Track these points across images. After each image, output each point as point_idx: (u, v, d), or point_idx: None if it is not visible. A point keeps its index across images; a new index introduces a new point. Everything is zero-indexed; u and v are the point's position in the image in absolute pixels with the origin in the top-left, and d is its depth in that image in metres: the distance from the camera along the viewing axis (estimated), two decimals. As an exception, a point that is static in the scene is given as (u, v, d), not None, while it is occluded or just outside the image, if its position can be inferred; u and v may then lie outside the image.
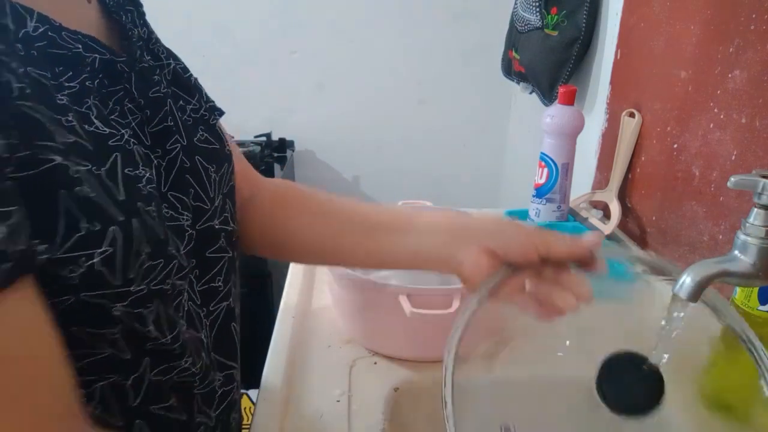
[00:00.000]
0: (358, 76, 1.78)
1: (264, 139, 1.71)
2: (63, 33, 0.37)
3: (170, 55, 0.49)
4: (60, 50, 0.36)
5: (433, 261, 0.51)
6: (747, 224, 0.51)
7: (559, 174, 0.92)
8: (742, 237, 0.51)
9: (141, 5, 0.48)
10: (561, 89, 0.92)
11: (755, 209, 0.51)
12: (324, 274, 0.81)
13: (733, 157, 0.67)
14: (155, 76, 0.45)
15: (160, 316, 0.39)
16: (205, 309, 0.46)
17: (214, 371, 0.47)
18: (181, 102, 0.47)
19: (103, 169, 0.35)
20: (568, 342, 0.69)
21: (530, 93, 1.29)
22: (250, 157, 1.58)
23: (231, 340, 0.50)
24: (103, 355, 0.36)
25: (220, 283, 0.48)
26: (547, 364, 0.66)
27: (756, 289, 0.53)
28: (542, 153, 0.93)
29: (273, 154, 1.68)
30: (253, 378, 0.64)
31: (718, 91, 0.69)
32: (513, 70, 1.33)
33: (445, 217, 0.53)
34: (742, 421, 0.57)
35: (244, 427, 0.61)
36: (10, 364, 0.29)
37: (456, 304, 0.60)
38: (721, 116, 0.69)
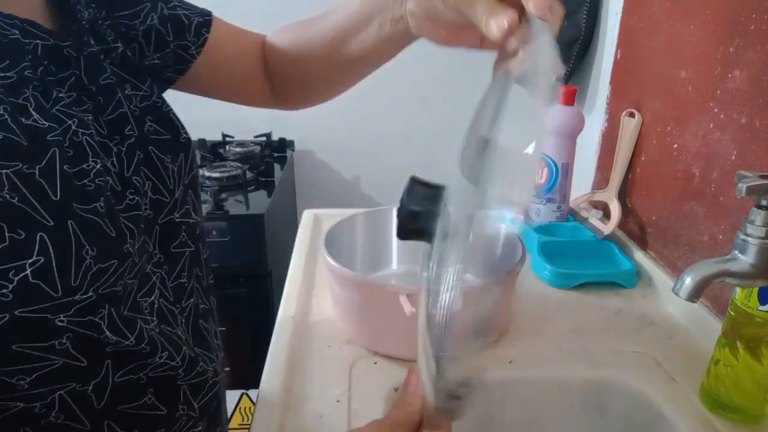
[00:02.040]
0: (357, 76, 1.77)
1: (264, 139, 1.71)
2: (5, 20, 0.34)
3: (120, 36, 0.46)
4: None
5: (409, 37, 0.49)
6: (747, 224, 0.51)
7: (559, 174, 0.92)
8: (742, 237, 0.51)
9: None
10: (561, 89, 0.92)
11: (755, 209, 0.51)
12: (324, 274, 0.81)
13: (733, 157, 0.67)
14: (103, 63, 0.42)
15: (115, 319, 0.36)
16: (178, 306, 0.45)
17: (203, 362, 0.45)
18: (128, 88, 0.44)
19: (37, 167, 0.32)
20: (567, 342, 0.70)
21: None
22: (250, 157, 1.58)
23: (204, 338, 0.48)
24: (55, 366, 0.33)
25: (185, 279, 0.46)
26: (547, 362, 0.66)
27: (756, 289, 0.53)
28: (542, 153, 0.93)
29: (273, 154, 1.68)
30: (253, 378, 0.64)
31: (718, 91, 0.69)
32: (513, 70, 1.33)
33: None
34: (745, 421, 0.57)
35: (244, 426, 0.61)
36: None
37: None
38: (721, 116, 0.69)
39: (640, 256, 0.86)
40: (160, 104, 0.46)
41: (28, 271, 0.30)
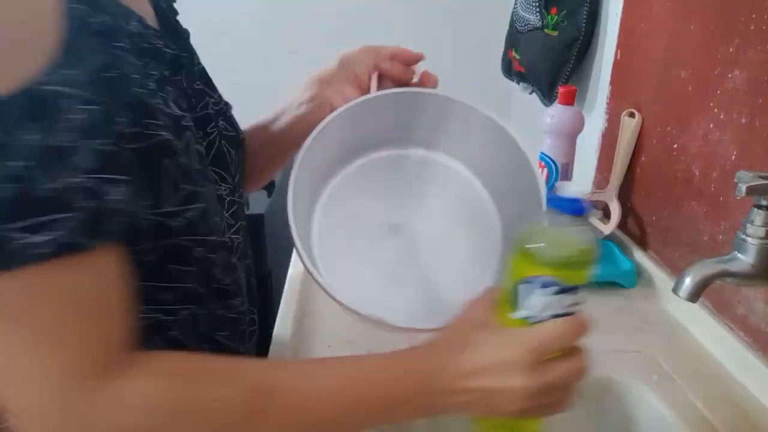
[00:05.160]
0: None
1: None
2: (150, 31, 0.44)
3: (197, 56, 0.58)
4: (148, 45, 0.43)
5: (315, 115, 0.58)
6: (747, 224, 0.51)
7: (559, 174, 0.92)
8: (741, 237, 0.51)
9: (176, 11, 0.56)
10: (561, 89, 0.92)
11: (755, 209, 0.51)
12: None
13: (733, 157, 0.67)
14: (195, 72, 0.53)
15: (223, 263, 0.48)
16: (243, 263, 0.55)
17: (252, 315, 0.57)
18: (207, 96, 0.55)
19: (183, 143, 0.42)
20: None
21: (530, 93, 1.29)
22: (250, 157, 1.57)
23: (251, 291, 0.59)
24: (187, 288, 0.45)
25: (245, 246, 0.57)
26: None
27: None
28: (542, 153, 0.93)
29: (273, 154, 1.68)
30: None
31: (718, 91, 0.69)
32: (513, 70, 1.33)
33: (301, 90, 0.62)
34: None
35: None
36: (88, 298, 0.36)
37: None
38: (721, 116, 0.69)
39: (640, 256, 0.86)
40: (225, 109, 0.58)
41: (192, 213, 0.42)
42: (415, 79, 0.60)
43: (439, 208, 0.60)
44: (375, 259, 0.57)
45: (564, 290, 0.42)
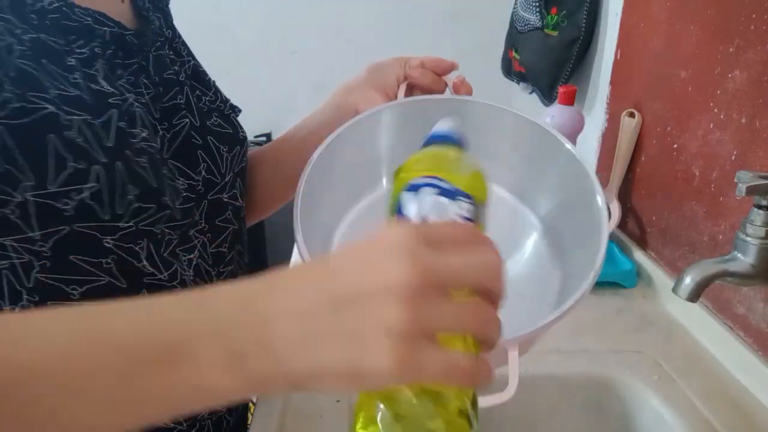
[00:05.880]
0: (358, 76, 1.77)
1: (264, 139, 1.71)
2: (75, 9, 0.43)
3: (191, 55, 0.58)
4: (72, 22, 0.43)
5: (340, 120, 0.54)
6: (747, 224, 0.51)
7: (559, 174, 0.92)
8: (741, 237, 0.51)
9: (169, 13, 0.57)
10: (561, 89, 0.92)
11: (755, 209, 0.51)
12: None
13: (733, 157, 0.67)
14: (175, 66, 0.52)
15: (153, 254, 0.45)
16: (215, 269, 0.53)
17: None
18: (197, 92, 0.54)
19: (98, 120, 0.41)
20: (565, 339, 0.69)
21: (530, 93, 1.29)
22: (250, 157, 1.58)
23: None
24: (101, 283, 0.42)
25: (225, 249, 0.55)
26: (547, 362, 0.66)
27: None
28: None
29: (273, 154, 1.68)
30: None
31: (718, 91, 0.69)
32: (513, 70, 1.33)
33: (326, 104, 0.62)
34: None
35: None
36: None
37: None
38: (721, 116, 0.69)
39: (640, 256, 0.86)
40: (223, 107, 0.57)
41: (85, 194, 0.39)
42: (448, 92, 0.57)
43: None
44: None
45: (447, 193, 0.34)
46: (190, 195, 0.50)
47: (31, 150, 0.38)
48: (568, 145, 0.47)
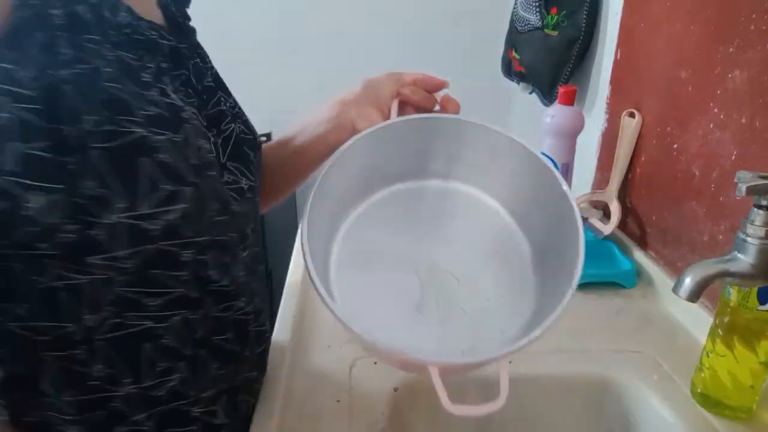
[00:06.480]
0: (358, 76, 1.77)
1: (264, 139, 1.71)
2: (141, 22, 0.44)
3: (211, 61, 0.58)
4: (141, 36, 0.43)
5: (335, 135, 0.59)
6: (747, 224, 0.51)
7: (559, 174, 0.92)
8: (742, 237, 0.51)
9: (189, 18, 0.56)
10: (561, 89, 0.92)
11: (755, 209, 0.51)
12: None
13: (733, 157, 0.67)
14: (204, 70, 0.53)
15: (218, 263, 0.46)
16: (255, 267, 0.54)
17: (263, 317, 0.55)
18: (220, 94, 0.55)
19: (179, 137, 0.41)
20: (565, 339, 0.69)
21: (530, 93, 1.29)
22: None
23: (266, 298, 0.58)
24: (176, 294, 0.43)
25: (258, 248, 0.57)
26: (547, 361, 0.66)
27: (755, 289, 0.53)
28: (542, 153, 0.93)
29: (273, 154, 1.68)
30: (253, 378, 0.64)
31: (718, 91, 0.69)
32: (513, 70, 1.33)
33: (323, 110, 0.62)
34: (734, 417, 0.57)
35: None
36: None
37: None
38: (721, 116, 0.69)
39: (640, 256, 0.86)
40: (241, 113, 0.58)
41: (176, 214, 0.41)
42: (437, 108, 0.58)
43: (463, 239, 0.55)
44: (398, 294, 0.52)
45: None
46: (248, 195, 0.52)
47: (124, 173, 0.38)
48: (550, 167, 0.52)
